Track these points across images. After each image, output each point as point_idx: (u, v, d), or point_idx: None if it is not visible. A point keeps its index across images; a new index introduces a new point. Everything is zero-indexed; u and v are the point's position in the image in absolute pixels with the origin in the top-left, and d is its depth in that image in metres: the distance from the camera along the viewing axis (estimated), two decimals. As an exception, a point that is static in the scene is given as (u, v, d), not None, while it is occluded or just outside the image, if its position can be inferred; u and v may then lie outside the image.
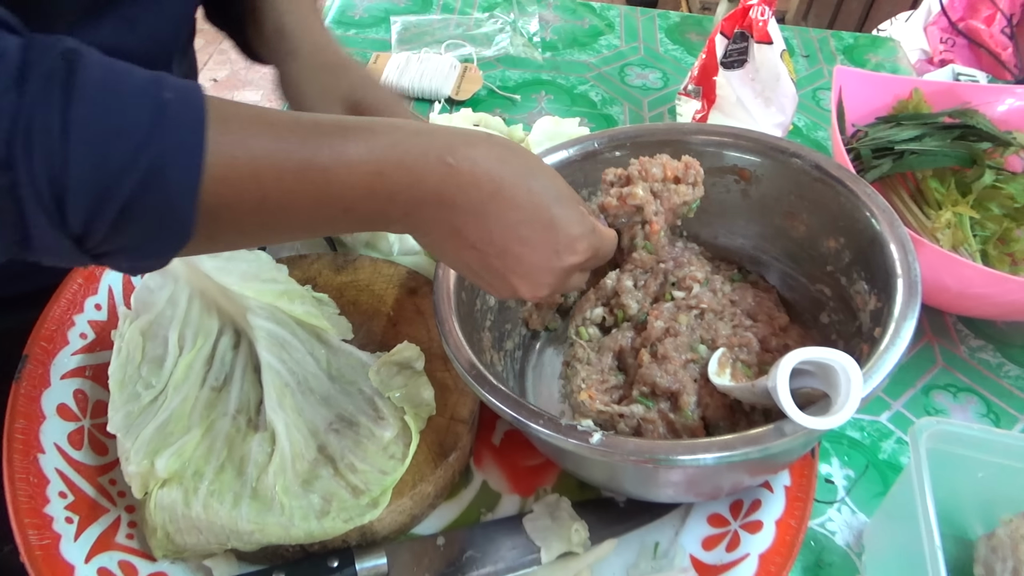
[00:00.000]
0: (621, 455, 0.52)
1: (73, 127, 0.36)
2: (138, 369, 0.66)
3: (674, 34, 1.40)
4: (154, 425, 0.62)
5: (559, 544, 0.63)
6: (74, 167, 0.36)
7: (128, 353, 0.67)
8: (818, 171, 0.69)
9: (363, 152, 0.45)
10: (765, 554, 0.61)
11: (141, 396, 0.64)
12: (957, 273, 0.80)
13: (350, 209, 0.46)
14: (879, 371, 0.52)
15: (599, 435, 0.52)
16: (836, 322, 0.69)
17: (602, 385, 0.67)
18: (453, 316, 0.63)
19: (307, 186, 0.43)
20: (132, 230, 0.39)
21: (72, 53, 0.37)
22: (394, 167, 0.46)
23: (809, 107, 1.25)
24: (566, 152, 0.75)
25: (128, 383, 0.65)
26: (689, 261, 0.73)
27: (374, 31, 1.33)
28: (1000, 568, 0.64)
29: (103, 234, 0.39)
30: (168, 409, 0.63)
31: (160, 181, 0.38)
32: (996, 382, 0.86)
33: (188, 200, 0.39)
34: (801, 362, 0.50)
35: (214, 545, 0.58)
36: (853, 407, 0.48)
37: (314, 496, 0.61)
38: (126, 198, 0.37)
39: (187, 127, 0.39)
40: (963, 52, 1.67)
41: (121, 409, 0.64)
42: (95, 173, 0.37)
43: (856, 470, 0.76)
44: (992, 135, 0.94)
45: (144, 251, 0.41)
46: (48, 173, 0.36)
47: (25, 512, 0.59)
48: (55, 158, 0.36)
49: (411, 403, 0.67)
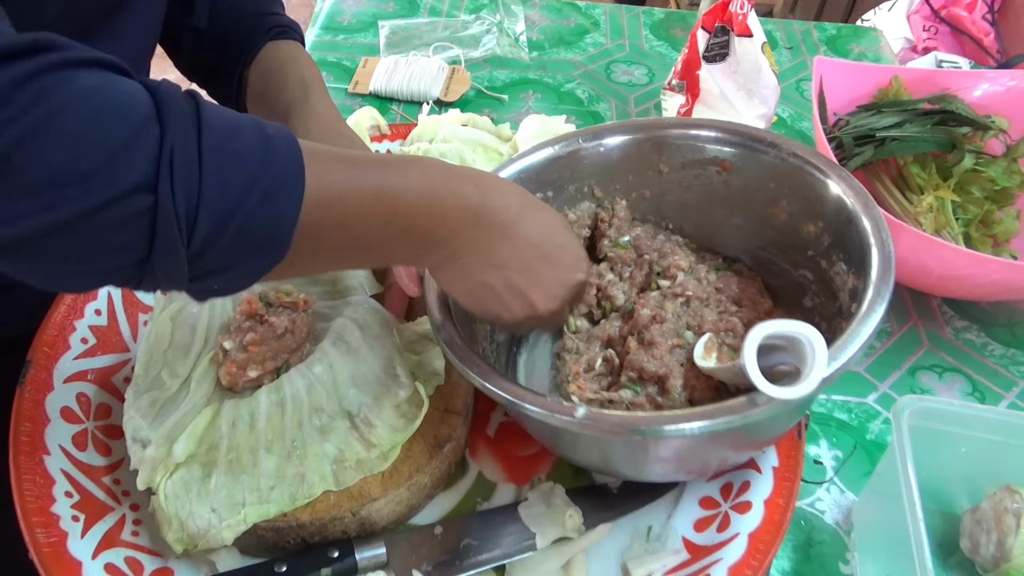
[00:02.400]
0: (605, 428, 0.54)
1: (206, 155, 0.40)
2: (164, 354, 0.69)
3: (659, 30, 1.42)
4: (176, 416, 0.64)
5: (554, 530, 0.65)
6: (206, 190, 0.40)
7: (157, 337, 0.70)
8: (795, 159, 0.70)
9: (421, 177, 0.52)
10: (754, 533, 0.63)
11: (166, 384, 0.67)
12: (940, 256, 0.81)
13: (409, 229, 0.52)
14: (854, 342, 0.54)
15: (583, 409, 0.55)
16: (819, 304, 0.71)
17: (590, 374, 0.69)
18: (445, 305, 0.65)
19: (379, 207, 0.49)
20: (239, 249, 0.43)
21: (191, 92, 0.43)
22: (444, 188, 0.53)
23: (793, 98, 1.27)
24: (551, 149, 0.76)
25: (153, 366, 0.68)
26: (673, 251, 0.75)
27: (362, 36, 1.35)
28: (985, 540, 0.66)
29: (216, 252, 0.42)
30: (191, 402, 0.65)
31: (271, 204, 0.43)
32: (981, 361, 0.88)
33: (291, 220, 0.44)
34: (769, 336, 0.52)
35: (227, 522, 0.60)
36: (818, 376, 0.50)
37: (329, 446, 0.64)
38: (243, 218, 0.42)
39: (290, 158, 0.44)
40: (946, 39, 1.70)
41: (145, 395, 0.66)
42: (221, 196, 0.41)
43: (844, 450, 0.78)
44: (971, 119, 0.95)
45: (241, 271, 0.45)
46: (187, 196, 0.40)
47: (32, 511, 0.61)
48: (192, 183, 0.40)
49: (423, 371, 0.70)
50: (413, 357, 0.71)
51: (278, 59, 0.80)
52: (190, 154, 0.40)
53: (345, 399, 0.66)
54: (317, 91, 0.78)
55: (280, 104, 0.77)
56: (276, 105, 0.77)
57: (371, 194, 0.49)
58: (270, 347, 0.66)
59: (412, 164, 0.52)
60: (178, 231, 0.40)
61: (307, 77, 0.78)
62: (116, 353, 0.75)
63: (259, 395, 0.64)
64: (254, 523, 0.61)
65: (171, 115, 0.40)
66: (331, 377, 0.66)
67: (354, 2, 1.43)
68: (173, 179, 0.39)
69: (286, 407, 0.64)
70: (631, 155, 0.77)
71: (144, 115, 0.39)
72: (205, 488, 0.61)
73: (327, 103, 0.78)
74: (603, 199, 0.79)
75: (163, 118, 0.40)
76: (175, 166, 0.39)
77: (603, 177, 0.78)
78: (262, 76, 0.79)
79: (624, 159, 0.77)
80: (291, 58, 0.80)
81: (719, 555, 0.63)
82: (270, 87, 0.79)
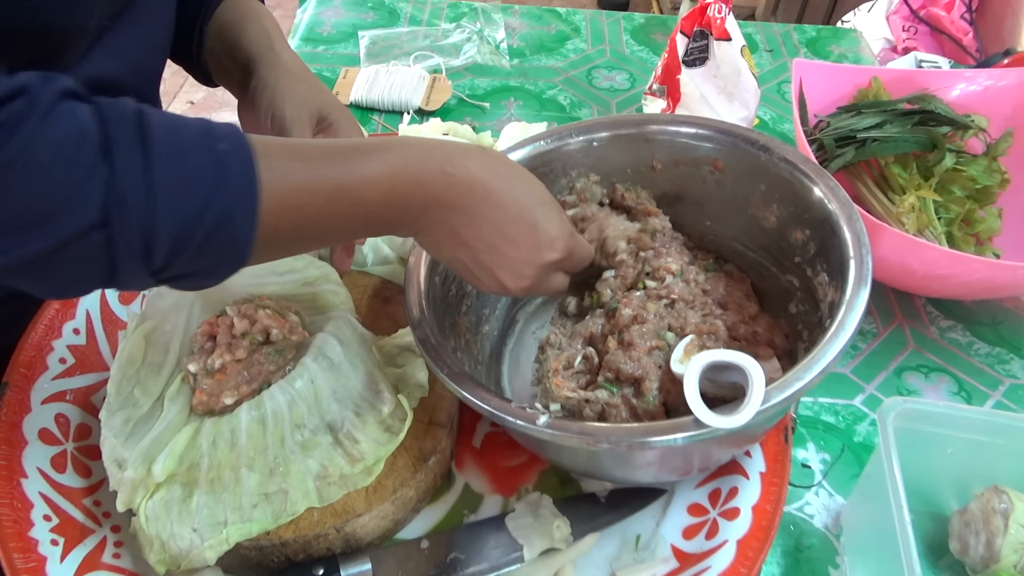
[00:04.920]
0: (566, 436, 0.55)
1: (156, 188, 0.42)
2: (137, 372, 0.68)
3: (639, 35, 1.42)
4: (151, 436, 0.63)
5: (541, 541, 0.64)
6: (160, 221, 0.43)
7: (130, 355, 0.69)
8: (785, 163, 0.70)
9: (381, 169, 0.52)
10: (742, 539, 0.63)
11: (139, 402, 0.66)
12: (923, 256, 0.81)
13: (371, 220, 0.54)
14: (816, 366, 0.54)
15: (545, 417, 0.55)
16: (803, 312, 0.70)
17: (570, 371, 0.68)
18: (422, 302, 0.66)
19: (338, 206, 0.51)
20: (202, 261, 0.46)
21: (140, 115, 0.43)
22: (405, 180, 0.53)
23: (775, 100, 1.27)
24: (543, 143, 0.76)
25: (125, 385, 0.67)
26: (668, 252, 0.74)
27: (342, 46, 1.34)
28: (973, 541, 0.66)
29: (179, 266, 0.46)
30: (165, 420, 0.64)
31: (226, 224, 0.45)
32: (967, 360, 0.88)
33: (248, 234, 0.46)
34: (715, 362, 0.54)
35: (209, 542, 0.59)
36: (753, 409, 0.51)
37: (312, 462, 0.63)
38: (200, 239, 0.44)
39: (243, 176, 0.46)
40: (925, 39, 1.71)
41: (118, 413, 0.65)
42: (175, 223, 0.43)
43: (832, 454, 0.78)
44: (951, 119, 0.96)
45: (207, 274, 0.48)
46: (141, 228, 0.42)
47: (10, 536, 0.59)
48: (144, 215, 0.42)
49: (405, 383, 0.69)
50: (395, 370, 0.70)
51: (238, 11, 0.80)
52: (139, 189, 0.42)
53: (328, 414, 0.65)
54: (280, 40, 0.78)
55: (240, 53, 0.77)
56: (236, 55, 0.77)
57: (328, 194, 0.50)
58: (242, 373, 0.66)
59: (374, 152, 0.52)
60: (136, 257, 0.43)
61: (268, 26, 0.79)
62: (95, 372, 0.74)
63: (240, 412, 0.63)
64: (237, 542, 0.60)
65: (118, 153, 0.42)
66: (313, 392, 0.65)
67: (334, 13, 1.43)
68: (125, 215, 0.42)
69: (267, 424, 0.63)
70: (624, 150, 0.77)
71: (93, 153, 0.41)
72: (186, 508, 0.60)
73: (291, 53, 0.78)
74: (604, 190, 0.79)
75: (112, 151, 0.41)
76: (127, 204, 0.42)
77: (598, 171, 0.78)
78: (221, 29, 0.79)
79: (617, 154, 0.77)
80: (250, 9, 0.80)
81: (708, 563, 0.62)
82: (229, 38, 0.78)
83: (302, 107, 0.73)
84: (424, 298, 0.66)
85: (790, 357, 0.69)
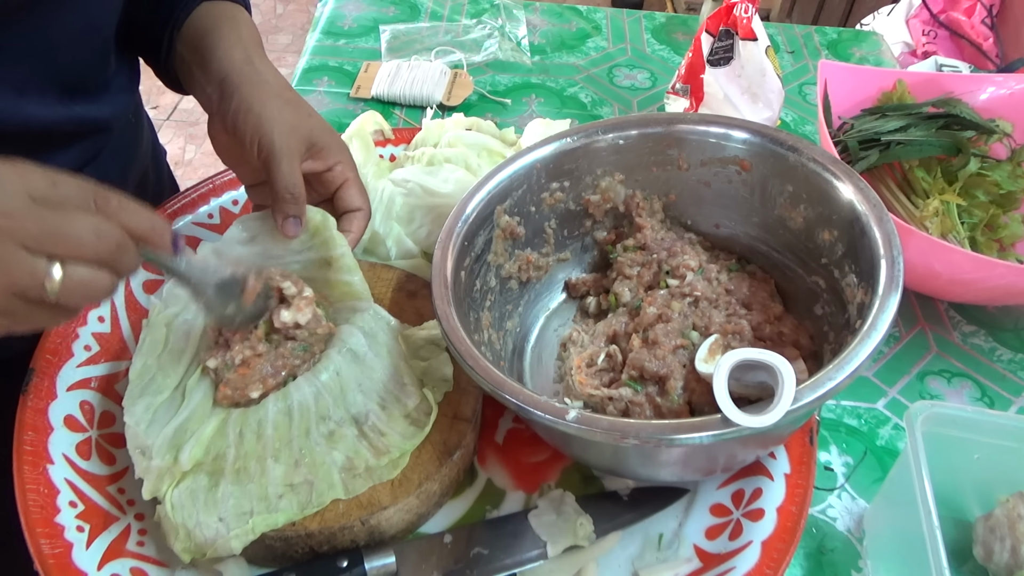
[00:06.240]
0: (594, 431, 0.54)
1: None
2: (158, 359, 0.68)
3: (660, 34, 1.42)
4: (175, 424, 0.63)
5: (565, 538, 0.64)
6: None
7: (152, 343, 0.69)
8: (815, 164, 0.70)
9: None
10: (767, 541, 0.62)
11: (161, 388, 0.66)
12: (947, 260, 0.81)
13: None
14: (847, 367, 0.53)
15: (575, 412, 0.55)
16: (829, 314, 0.70)
17: (593, 369, 0.68)
18: (449, 296, 0.65)
19: None
20: None
21: None
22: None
23: (796, 102, 1.26)
24: (570, 140, 0.76)
25: (146, 371, 0.67)
26: (683, 250, 0.74)
27: (363, 40, 1.34)
28: (998, 548, 0.66)
29: None
30: (188, 408, 0.64)
31: None
32: (989, 366, 0.88)
33: None
34: (743, 361, 0.54)
35: (235, 531, 0.59)
36: (784, 409, 0.51)
37: (337, 454, 0.63)
38: None
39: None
40: (945, 43, 1.70)
41: (139, 400, 0.65)
42: None
43: (855, 457, 0.77)
44: (975, 123, 0.95)
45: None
46: None
47: (37, 522, 0.60)
48: None
49: (431, 377, 0.69)
50: (420, 363, 0.70)
51: (212, 18, 0.74)
52: None
53: (353, 406, 0.65)
54: (259, 54, 0.72)
55: (214, 67, 0.70)
56: (209, 68, 0.71)
57: None
58: (266, 367, 0.65)
59: None
60: None
61: (245, 37, 0.72)
62: (120, 360, 0.74)
63: (266, 403, 0.63)
64: (262, 532, 0.60)
65: None
66: (338, 384, 0.65)
67: (355, 7, 1.43)
68: None
69: (293, 415, 0.63)
70: (650, 149, 0.77)
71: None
72: (212, 497, 0.61)
73: (272, 69, 0.71)
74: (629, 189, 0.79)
75: None
76: None
77: (623, 169, 0.78)
78: (193, 39, 0.73)
79: (644, 153, 0.77)
80: (227, 17, 0.74)
81: (732, 563, 0.62)
82: (202, 49, 0.72)
83: (291, 135, 0.67)
84: (451, 292, 0.66)
85: (815, 359, 0.68)
